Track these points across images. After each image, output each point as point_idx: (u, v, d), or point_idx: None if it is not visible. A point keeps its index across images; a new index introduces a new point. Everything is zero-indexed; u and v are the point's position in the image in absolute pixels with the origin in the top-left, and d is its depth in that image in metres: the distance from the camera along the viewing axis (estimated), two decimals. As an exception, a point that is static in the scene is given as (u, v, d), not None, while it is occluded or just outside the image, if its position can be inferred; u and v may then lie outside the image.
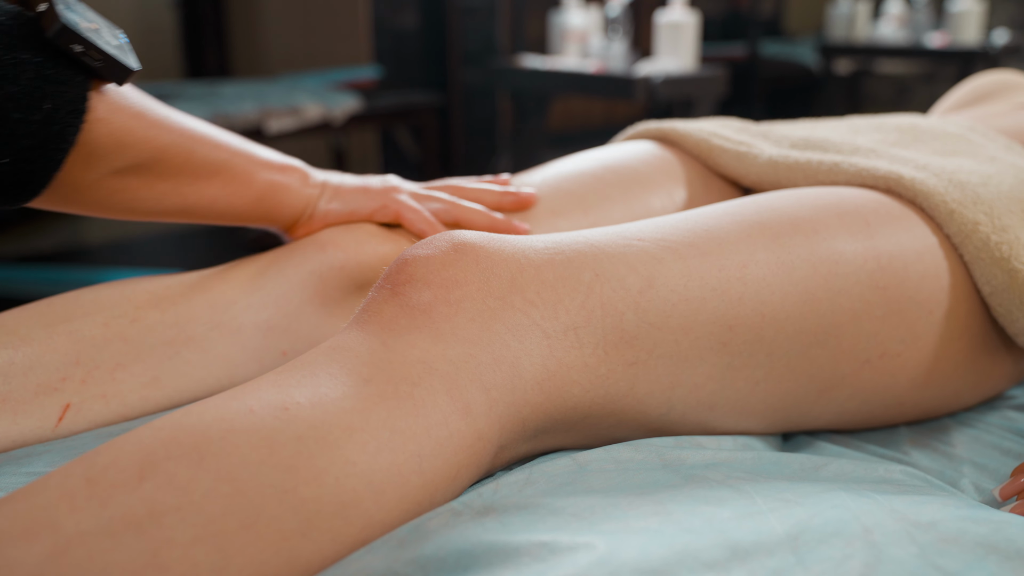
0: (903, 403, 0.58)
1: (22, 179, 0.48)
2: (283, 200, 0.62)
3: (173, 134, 0.53)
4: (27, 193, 0.49)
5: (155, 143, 0.52)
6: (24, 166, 0.47)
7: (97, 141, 0.49)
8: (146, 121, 0.52)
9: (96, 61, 0.47)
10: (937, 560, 0.36)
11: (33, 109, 0.46)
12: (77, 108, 0.47)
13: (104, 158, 0.50)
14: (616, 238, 0.50)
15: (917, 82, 4.48)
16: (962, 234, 0.58)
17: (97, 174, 0.51)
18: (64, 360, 0.54)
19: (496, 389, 0.43)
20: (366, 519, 0.38)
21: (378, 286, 0.47)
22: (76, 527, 0.33)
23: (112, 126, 0.50)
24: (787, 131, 0.77)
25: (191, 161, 0.55)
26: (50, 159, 0.48)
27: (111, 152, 0.50)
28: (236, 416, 0.37)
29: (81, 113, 0.48)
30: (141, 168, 0.53)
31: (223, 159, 0.57)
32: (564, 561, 0.34)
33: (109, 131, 0.50)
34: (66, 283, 2.16)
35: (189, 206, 0.57)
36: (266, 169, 0.60)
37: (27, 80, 0.45)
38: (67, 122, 0.47)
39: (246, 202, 0.60)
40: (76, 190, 0.52)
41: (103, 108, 0.49)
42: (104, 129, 0.49)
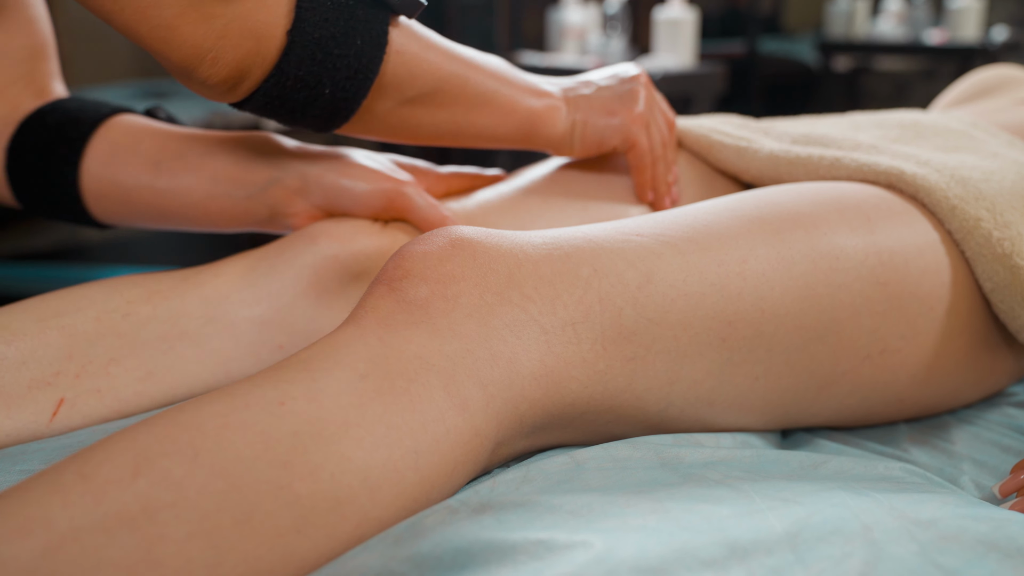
0: (903, 400, 0.58)
1: (338, 106, 0.55)
2: (540, 130, 0.66)
3: (452, 63, 0.59)
4: (339, 120, 0.56)
5: (438, 73, 0.58)
6: (340, 94, 0.54)
7: (394, 71, 0.55)
8: (431, 51, 0.57)
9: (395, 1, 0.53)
10: (937, 558, 0.35)
11: (349, 44, 0.52)
12: (380, 41, 0.53)
13: (399, 87, 0.57)
14: (614, 233, 0.50)
15: (916, 79, 4.48)
16: (964, 230, 0.58)
17: (392, 103, 0.57)
18: (57, 355, 0.54)
19: (493, 385, 0.43)
20: (361, 515, 0.38)
21: (375, 281, 0.46)
22: (70, 523, 0.32)
23: (406, 57, 0.56)
24: (788, 127, 0.77)
25: (465, 91, 0.60)
26: (360, 88, 0.54)
27: (404, 82, 0.56)
28: (231, 412, 0.37)
29: (383, 46, 0.53)
30: (425, 98, 0.59)
31: (491, 89, 0.62)
32: (561, 559, 0.34)
33: (403, 61, 0.56)
34: (64, 281, 2.15)
35: (462, 132, 0.63)
36: (530, 96, 0.65)
37: (344, 21, 0.51)
38: (373, 55, 0.53)
39: (508, 131, 0.65)
40: (374, 118, 0.58)
41: (398, 40, 0.55)
42: (400, 60, 0.55)
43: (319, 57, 0.51)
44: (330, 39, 0.51)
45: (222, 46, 0.48)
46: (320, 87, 0.53)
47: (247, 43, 0.49)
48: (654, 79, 2.32)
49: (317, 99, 0.53)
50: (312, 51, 0.51)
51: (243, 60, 0.50)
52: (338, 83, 0.53)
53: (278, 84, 0.51)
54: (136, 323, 0.57)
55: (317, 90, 0.53)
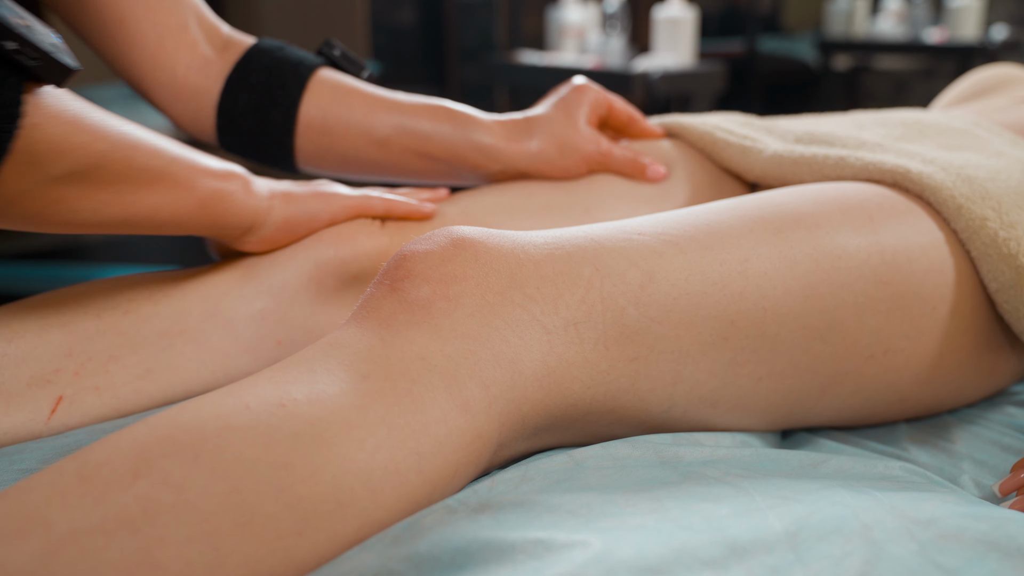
0: (905, 399, 0.58)
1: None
2: (227, 208, 0.58)
3: (112, 140, 0.50)
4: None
5: (94, 149, 0.48)
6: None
7: (33, 148, 0.45)
8: (84, 126, 0.48)
9: (32, 60, 0.43)
10: (937, 557, 0.35)
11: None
12: (11, 113, 0.43)
13: (40, 166, 0.46)
14: (616, 232, 0.50)
15: (915, 78, 4.48)
16: (970, 230, 0.57)
17: (32, 183, 0.47)
18: (57, 352, 0.54)
19: (496, 386, 0.43)
20: (363, 518, 0.38)
21: (377, 281, 0.46)
22: (69, 525, 0.32)
23: (49, 132, 0.45)
24: (791, 125, 0.77)
25: (131, 168, 0.51)
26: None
27: (47, 159, 0.46)
28: (232, 413, 0.37)
29: (16, 118, 0.43)
30: (79, 176, 0.49)
31: (163, 165, 0.53)
32: (560, 559, 0.34)
33: (46, 137, 0.45)
34: (65, 280, 2.15)
35: (130, 216, 0.53)
36: (208, 176, 0.57)
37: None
38: (1, 128, 0.43)
39: (189, 209, 0.56)
40: (9, 201, 0.47)
41: (39, 113, 0.44)
42: (41, 135, 0.45)
43: None
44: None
45: None
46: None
47: None
48: (653, 78, 2.31)
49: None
50: None
51: None
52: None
53: None
54: (137, 320, 0.57)
55: None
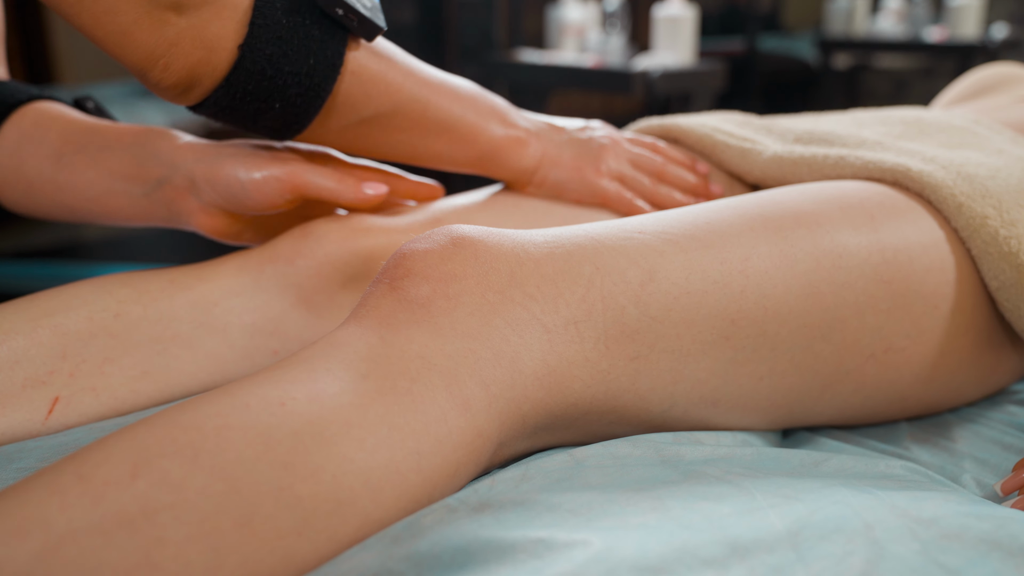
0: (906, 398, 0.58)
1: (288, 121, 0.55)
2: (501, 163, 0.67)
3: (410, 91, 0.59)
4: (291, 132, 0.57)
5: (396, 96, 0.59)
6: (291, 110, 0.55)
7: (348, 91, 0.56)
8: (391, 73, 0.58)
9: (352, 22, 0.54)
10: (939, 557, 0.35)
11: (301, 63, 0.53)
12: (334, 63, 0.54)
13: (353, 107, 0.57)
14: (617, 231, 0.50)
15: (916, 77, 4.48)
16: (970, 228, 0.57)
17: (347, 121, 0.58)
18: (50, 354, 0.54)
19: (496, 385, 0.43)
20: (363, 518, 0.37)
21: (376, 280, 0.46)
22: (67, 525, 0.32)
23: (362, 78, 0.56)
24: (790, 124, 0.77)
25: (425, 116, 0.61)
26: (310, 106, 0.55)
27: (359, 102, 0.57)
28: (231, 412, 0.37)
29: (337, 67, 0.54)
30: (382, 119, 0.59)
31: (454, 116, 0.63)
32: (560, 558, 0.34)
33: (359, 82, 0.56)
34: (63, 279, 2.15)
35: (419, 155, 0.64)
36: (490, 130, 0.65)
37: (298, 40, 0.52)
38: (326, 75, 0.54)
39: (468, 159, 0.66)
40: (328, 133, 0.59)
41: (355, 63, 0.56)
42: (355, 80, 0.56)
43: (269, 73, 0.52)
44: (282, 56, 0.52)
45: (173, 53, 0.49)
46: (270, 101, 0.53)
47: (198, 53, 0.50)
48: (653, 76, 2.31)
49: (267, 112, 0.54)
50: (262, 67, 0.52)
51: (194, 69, 0.50)
52: (288, 100, 0.54)
53: (227, 95, 0.52)
54: (128, 323, 0.57)
55: (267, 104, 0.54)
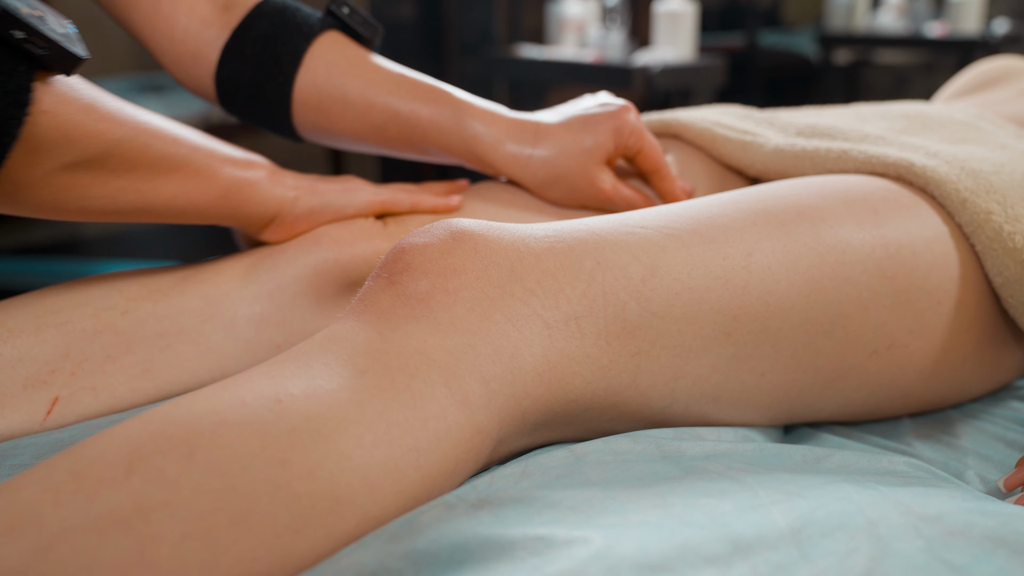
0: (909, 395, 0.57)
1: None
2: (250, 197, 0.59)
3: (127, 127, 0.50)
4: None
5: (107, 136, 0.49)
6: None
7: (43, 135, 0.46)
8: (97, 114, 0.48)
9: (40, 49, 0.44)
10: (944, 554, 0.35)
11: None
12: (20, 99, 0.44)
13: (51, 153, 0.47)
14: (618, 226, 0.49)
15: (916, 72, 4.47)
16: (974, 223, 0.57)
17: (43, 170, 0.47)
18: (53, 352, 0.53)
19: (496, 381, 0.42)
20: (361, 515, 0.37)
21: (375, 275, 0.46)
22: (61, 523, 0.32)
23: (59, 119, 0.46)
24: (792, 118, 0.76)
25: (146, 156, 0.51)
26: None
27: (58, 146, 0.47)
28: (228, 408, 0.37)
29: (24, 105, 0.44)
30: (92, 163, 0.49)
31: (183, 154, 0.54)
32: (560, 555, 0.33)
33: (56, 124, 0.46)
34: (63, 276, 2.15)
35: (146, 204, 0.53)
36: (230, 165, 0.57)
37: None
38: (9, 114, 0.44)
39: (209, 199, 0.56)
40: (22, 188, 0.48)
41: (49, 100, 0.45)
42: (50, 122, 0.46)
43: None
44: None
45: None
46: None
47: None
48: (653, 72, 2.31)
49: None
50: None
51: None
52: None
53: None
54: (135, 320, 0.56)
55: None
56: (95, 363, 0.55)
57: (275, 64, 0.64)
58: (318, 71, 0.65)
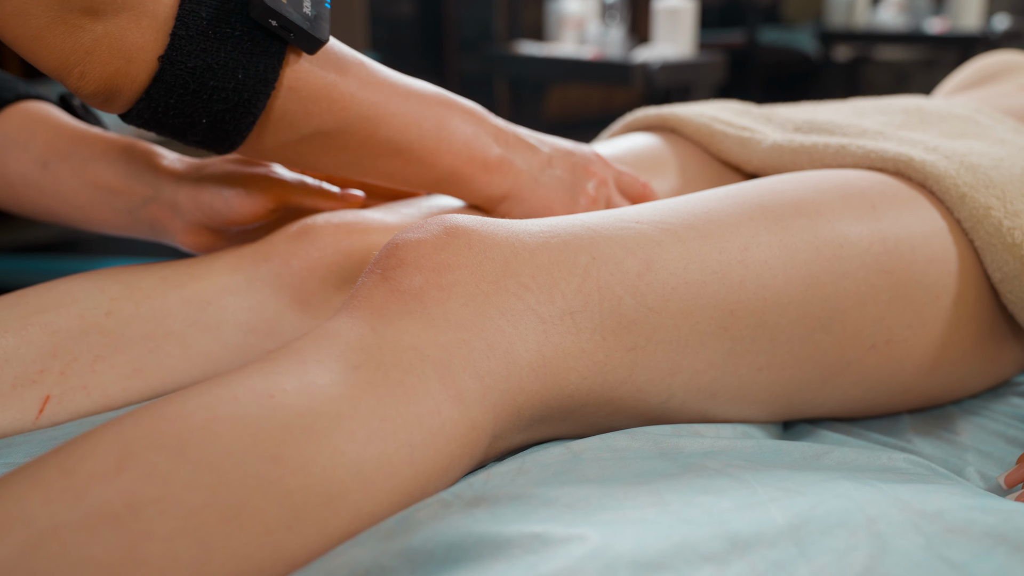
0: (908, 390, 0.57)
1: (219, 136, 0.52)
2: (462, 188, 0.62)
3: (358, 110, 0.55)
4: (223, 147, 0.53)
5: (341, 114, 0.54)
6: (219, 126, 0.51)
7: (284, 108, 0.52)
8: (336, 91, 0.54)
9: (288, 35, 0.49)
10: (944, 551, 0.35)
11: (227, 78, 0.49)
12: (267, 78, 0.50)
13: (290, 125, 0.53)
14: (613, 221, 0.49)
15: (916, 68, 4.47)
16: (973, 218, 0.56)
17: (284, 139, 0.54)
18: (41, 352, 0.53)
19: (490, 376, 0.42)
20: (354, 511, 0.37)
21: (368, 271, 0.45)
22: (50, 520, 0.31)
23: (300, 95, 0.52)
24: (790, 114, 0.76)
25: (372, 139, 0.57)
26: (240, 122, 0.51)
27: (297, 120, 0.53)
28: (219, 404, 0.36)
29: (270, 83, 0.50)
30: (324, 137, 0.55)
31: (408, 141, 0.58)
32: (557, 553, 0.33)
33: (297, 99, 0.52)
34: (61, 274, 2.14)
35: (366, 175, 0.60)
36: (452, 152, 0.60)
37: (225, 52, 0.48)
38: (257, 90, 0.50)
39: (424, 181, 0.61)
40: (265, 149, 0.55)
41: (293, 77, 0.51)
42: (292, 97, 0.52)
43: (192, 87, 0.48)
44: (206, 70, 0.48)
45: (89, 61, 0.46)
46: (195, 116, 0.50)
47: (116, 62, 0.47)
48: (653, 68, 2.30)
49: (194, 127, 0.51)
50: (184, 80, 0.48)
51: (112, 79, 0.47)
52: (215, 115, 0.50)
53: (149, 108, 0.49)
54: (120, 321, 0.56)
55: (192, 119, 0.50)
56: (84, 362, 0.54)
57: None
58: None
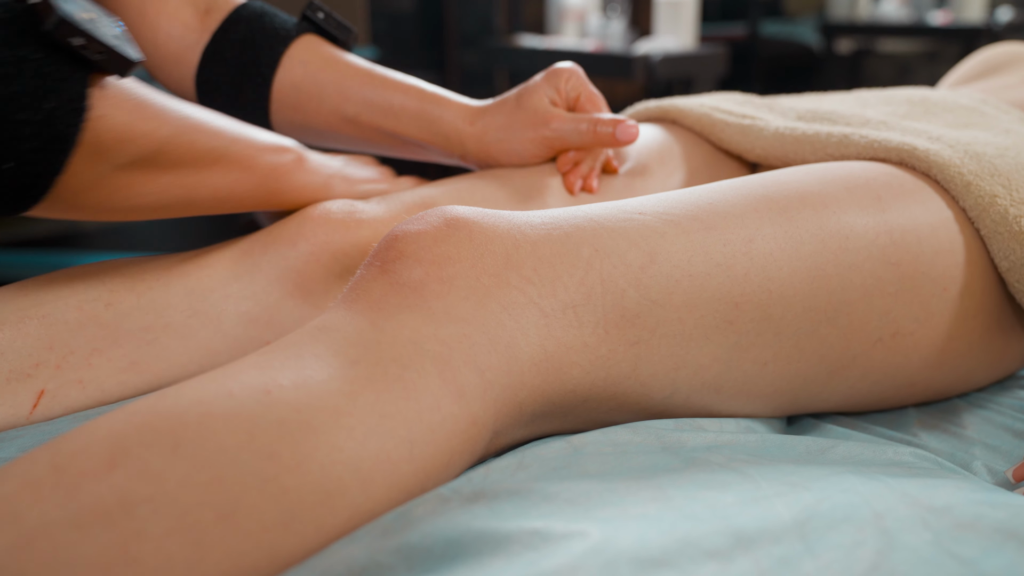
0: (915, 384, 0.56)
1: (25, 183, 0.45)
2: (285, 184, 0.61)
3: (173, 124, 0.52)
4: (29, 199, 0.47)
5: (157, 136, 0.50)
6: (28, 169, 0.44)
7: (99, 139, 0.47)
8: (147, 113, 0.49)
9: (97, 55, 0.45)
10: (953, 547, 0.34)
11: (35, 109, 0.43)
12: (78, 106, 0.45)
13: (106, 155, 0.48)
14: (616, 212, 0.48)
15: (919, 61, 4.45)
16: (979, 207, 0.56)
17: (98, 172, 0.48)
18: (37, 345, 0.52)
19: (491, 371, 0.41)
20: (353, 509, 0.36)
21: (367, 263, 0.45)
22: (40, 518, 0.31)
23: (114, 122, 0.47)
24: (793, 103, 0.75)
25: (193, 151, 0.53)
26: (53, 161, 0.45)
27: (113, 149, 0.48)
28: (214, 399, 0.36)
29: (82, 111, 0.45)
30: (143, 162, 0.50)
31: (224, 146, 0.56)
32: (557, 550, 0.32)
33: (111, 127, 0.47)
34: (63, 267, 2.14)
35: (192, 197, 0.56)
36: (265, 152, 0.60)
37: (28, 79, 0.43)
38: (69, 121, 0.44)
39: (249, 187, 0.59)
40: (78, 192, 0.49)
41: (103, 104, 0.46)
42: (105, 125, 0.47)
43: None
44: (10, 100, 0.42)
45: None
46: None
47: None
48: (654, 61, 2.29)
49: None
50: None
51: None
52: (23, 155, 0.44)
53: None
54: (119, 313, 0.55)
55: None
56: (81, 356, 0.54)
57: (254, 66, 0.68)
58: (295, 71, 0.69)
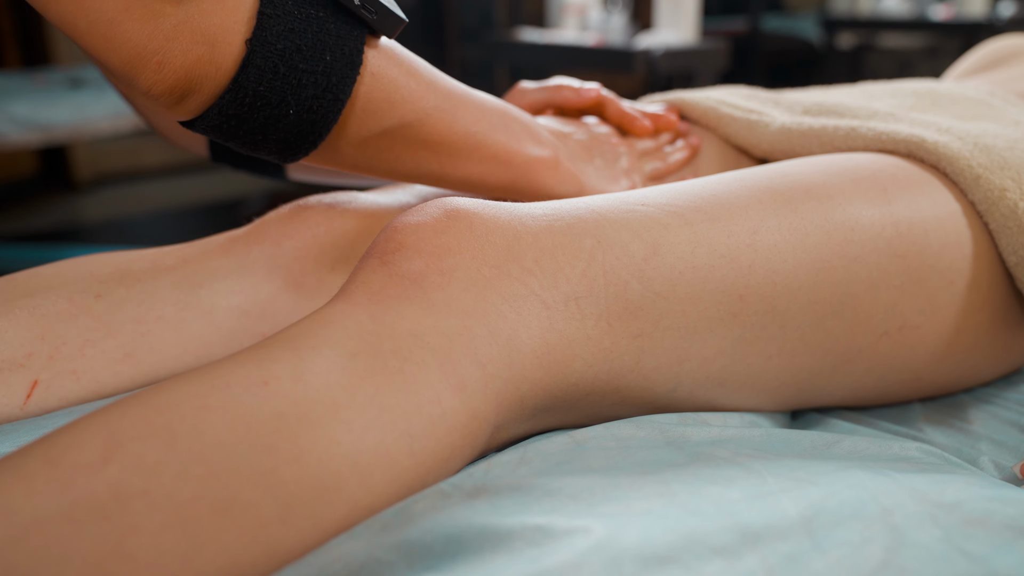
0: (921, 378, 0.56)
1: (304, 130, 0.49)
2: (536, 182, 0.61)
3: (440, 96, 0.54)
4: (305, 147, 0.50)
5: (422, 104, 0.53)
6: (306, 116, 0.48)
7: (369, 95, 0.50)
8: (416, 77, 0.52)
9: (371, 14, 0.48)
10: (963, 544, 0.33)
11: (317, 60, 0.46)
12: (353, 60, 0.48)
13: (374, 115, 0.51)
14: (619, 203, 0.48)
15: (921, 56, 4.44)
16: (988, 201, 0.55)
17: (367, 132, 0.52)
18: (28, 335, 0.52)
19: (492, 364, 0.41)
20: (351, 504, 0.36)
21: (366, 255, 0.44)
22: (33, 512, 0.30)
23: (383, 81, 0.50)
24: (799, 97, 0.75)
25: (452, 132, 0.55)
26: (329, 110, 0.48)
27: (380, 109, 0.51)
28: (211, 392, 0.35)
29: (357, 65, 0.48)
30: (405, 130, 0.53)
31: (483, 132, 0.57)
32: (560, 546, 0.32)
33: (381, 86, 0.50)
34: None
35: (445, 175, 0.58)
36: (524, 149, 0.59)
37: (313, 33, 0.46)
38: (344, 73, 0.48)
39: (502, 182, 0.60)
40: (343, 147, 0.52)
41: (375, 63, 0.49)
42: (376, 83, 0.50)
43: (282, 71, 0.45)
44: (295, 52, 0.45)
45: (169, 49, 0.42)
46: (283, 106, 0.47)
47: (199, 48, 0.43)
48: (655, 55, 2.29)
49: (280, 120, 0.47)
50: (275, 63, 0.45)
51: (193, 67, 0.43)
52: (304, 103, 0.47)
53: (235, 100, 0.45)
54: (110, 304, 0.55)
55: (280, 109, 0.47)
56: (74, 347, 0.53)
57: None
58: None
